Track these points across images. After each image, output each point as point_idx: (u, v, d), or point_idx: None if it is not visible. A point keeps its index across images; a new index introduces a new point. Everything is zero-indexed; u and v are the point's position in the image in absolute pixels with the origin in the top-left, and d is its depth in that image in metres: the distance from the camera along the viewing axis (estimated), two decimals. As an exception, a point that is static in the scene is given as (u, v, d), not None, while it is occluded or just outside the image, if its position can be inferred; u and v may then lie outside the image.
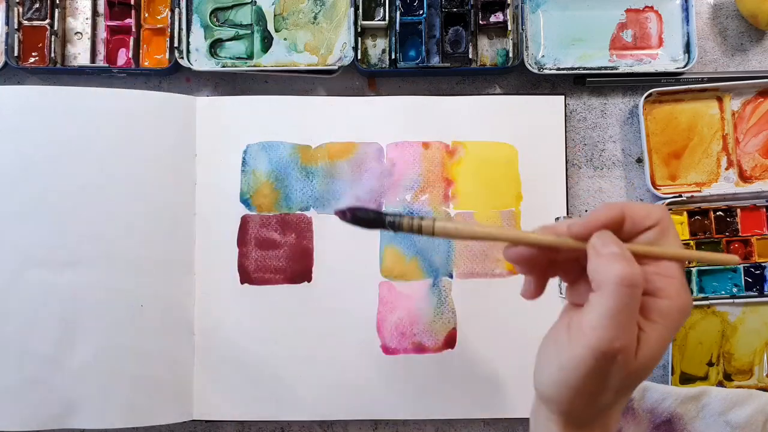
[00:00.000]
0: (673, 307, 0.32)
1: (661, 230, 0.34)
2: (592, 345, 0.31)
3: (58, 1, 0.56)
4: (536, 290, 0.37)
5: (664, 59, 0.57)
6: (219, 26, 0.57)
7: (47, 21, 0.56)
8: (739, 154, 0.56)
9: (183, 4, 0.56)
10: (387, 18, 0.56)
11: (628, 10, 0.57)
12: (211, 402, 0.53)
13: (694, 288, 0.54)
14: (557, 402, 0.34)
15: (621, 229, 0.34)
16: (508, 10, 0.56)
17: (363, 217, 0.38)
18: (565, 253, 0.35)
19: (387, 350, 0.54)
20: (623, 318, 0.31)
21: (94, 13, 0.57)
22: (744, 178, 0.56)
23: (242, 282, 0.54)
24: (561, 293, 0.53)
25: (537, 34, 0.57)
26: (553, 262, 0.36)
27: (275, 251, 0.54)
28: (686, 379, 0.54)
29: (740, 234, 0.55)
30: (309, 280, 0.54)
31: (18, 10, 0.56)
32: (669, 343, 0.34)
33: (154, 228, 0.53)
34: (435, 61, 0.57)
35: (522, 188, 0.55)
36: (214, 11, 0.57)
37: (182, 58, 0.56)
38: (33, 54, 0.56)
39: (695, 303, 0.53)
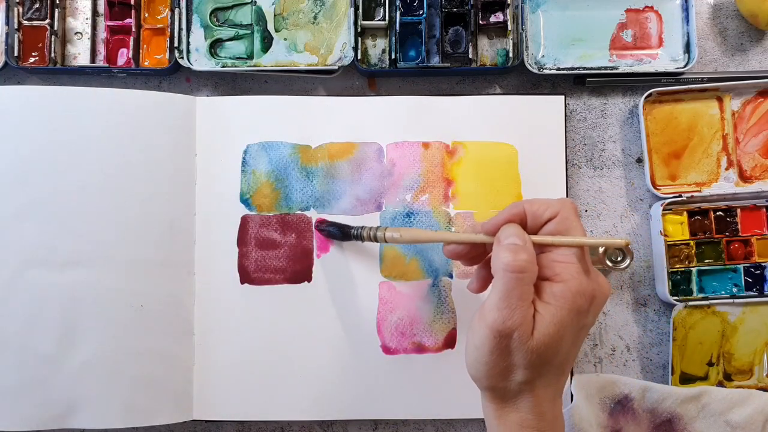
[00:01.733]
0: (566, 290, 0.36)
1: (561, 220, 0.38)
2: (489, 324, 0.36)
3: (58, 1, 0.56)
4: (479, 285, 0.44)
5: (664, 59, 0.57)
6: (219, 26, 0.57)
7: (47, 21, 0.56)
8: (739, 154, 0.56)
9: (183, 4, 0.56)
10: (387, 18, 0.56)
11: (628, 10, 0.57)
12: (211, 402, 0.53)
13: (694, 288, 0.54)
14: (479, 378, 0.38)
15: (526, 224, 0.39)
16: (508, 10, 0.56)
17: (329, 231, 0.52)
18: (489, 247, 0.40)
19: (387, 350, 0.54)
20: (513, 300, 0.36)
21: (94, 13, 0.57)
22: (744, 178, 0.56)
23: (242, 282, 0.54)
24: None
25: (537, 34, 0.57)
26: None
27: (275, 251, 0.54)
28: (686, 379, 0.54)
29: (740, 234, 0.55)
30: (309, 280, 0.54)
31: (18, 10, 0.56)
32: (569, 325, 0.36)
33: (154, 228, 0.53)
34: (435, 61, 0.57)
35: (522, 188, 0.55)
36: (214, 11, 0.57)
37: (182, 58, 0.56)
38: (33, 54, 0.56)
39: (695, 303, 0.53)
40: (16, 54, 0.56)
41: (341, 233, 0.52)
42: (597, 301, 0.37)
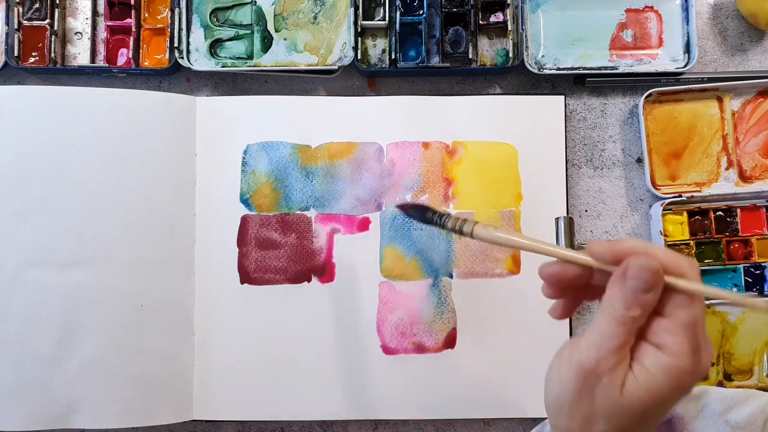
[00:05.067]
0: (673, 365, 0.33)
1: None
2: (582, 362, 0.33)
3: (58, 1, 0.56)
4: (564, 312, 0.38)
5: (664, 59, 0.57)
6: (219, 26, 0.57)
7: (47, 21, 0.56)
8: (739, 154, 0.56)
9: (183, 4, 0.56)
10: (387, 18, 0.56)
11: (628, 10, 0.57)
12: (211, 402, 0.53)
13: (694, 288, 0.54)
14: (559, 417, 0.35)
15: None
16: (508, 10, 0.56)
17: (409, 213, 0.44)
18: (595, 275, 0.35)
19: (387, 350, 0.54)
20: (614, 344, 0.32)
21: (94, 13, 0.57)
22: (744, 178, 0.56)
23: (242, 282, 0.54)
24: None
25: (537, 34, 0.57)
26: (586, 286, 0.36)
27: (275, 251, 0.54)
28: (686, 379, 0.54)
29: (740, 234, 0.55)
30: (309, 280, 0.54)
31: (18, 10, 0.56)
32: (664, 400, 0.33)
33: (154, 228, 0.53)
34: (435, 61, 0.57)
35: (522, 188, 0.55)
36: (214, 11, 0.57)
37: (182, 58, 0.56)
38: (33, 54, 0.56)
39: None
40: (16, 54, 0.56)
41: (421, 216, 0.44)
42: (700, 378, 0.34)
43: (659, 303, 0.33)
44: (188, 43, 0.56)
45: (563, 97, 0.55)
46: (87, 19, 0.57)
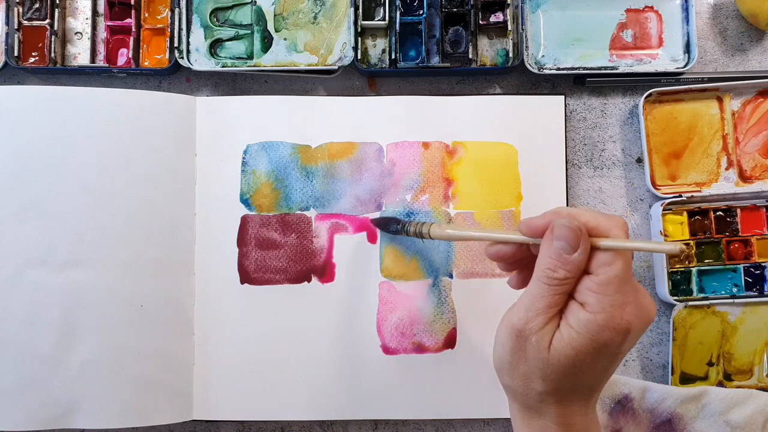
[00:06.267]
0: (592, 322, 0.34)
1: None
2: (513, 323, 0.36)
3: (58, 1, 0.56)
4: (519, 282, 0.41)
5: (664, 59, 0.57)
6: (219, 26, 0.57)
7: (47, 21, 0.56)
8: (739, 154, 0.56)
9: (183, 4, 0.56)
10: (387, 18, 0.56)
11: (628, 10, 0.57)
12: (211, 402, 0.53)
13: (694, 288, 0.54)
14: (501, 376, 0.38)
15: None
16: (508, 10, 0.56)
17: (377, 226, 0.51)
18: (534, 249, 0.38)
19: (387, 350, 0.54)
20: (540, 305, 0.35)
21: (94, 13, 0.57)
22: (744, 178, 0.56)
23: (242, 282, 0.54)
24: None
25: (537, 34, 0.57)
26: (533, 257, 0.38)
27: (275, 251, 0.54)
28: (686, 379, 0.54)
29: (740, 234, 0.55)
30: (309, 280, 0.54)
31: (18, 10, 0.56)
32: (592, 354, 0.35)
33: (154, 228, 0.53)
34: (435, 61, 0.57)
35: (522, 188, 0.55)
36: (214, 11, 0.57)
37: (182, 58, 0.56)
38: (33, 54, 0.56)
39: (695, 303, 0.53)
40: (16, 54, 0.56)
41: (385, 227, 0.51)
42: (634, 331, 0.35)
43: (588, 263, 0.35)
44: (188, 43, 0.56)
45: (563, 97, 0.55)
46: (87, 19, 0.57)
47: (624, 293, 0.34)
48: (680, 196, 0.54)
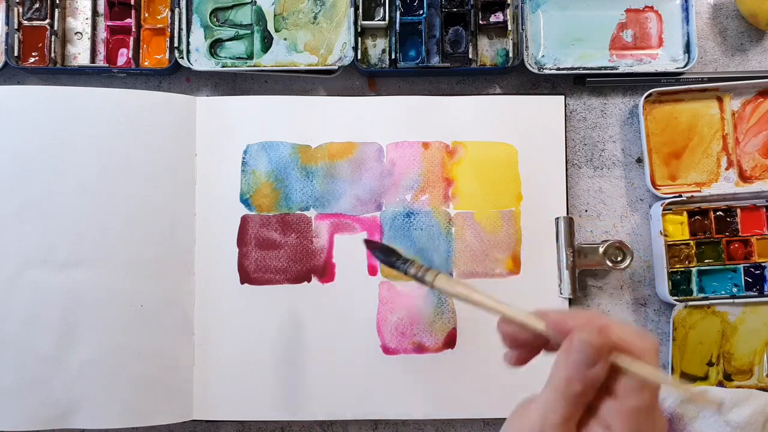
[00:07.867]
0: None
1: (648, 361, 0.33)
2: (525, 428, 0.32)
3: (58, 1, 0.56)
4: (520, 361, 0.37)
5: (664, 59, 0.57)
6: (219, 26, 0.57)
7: (47, 21, 0.56)
8: (739, 154, 0.56)
9: (183, 4, 0.56)
10: (387, 18, 0.56)
11: (628, 10, 0.57)
12: (211, 402, 0.53)
13: (694, 288, 0.54)
14: None
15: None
16: (508, 10, 0.56)
17: (374, 254, 0.46)
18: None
19: (387, 350, 0.54)
20: (553, 419, 0.32)
21: (94, 13, 0.57)
22: (744, 178, 0.55)
23: (242, 282, 0.54)
24: (561, 293, 0.53)
25: (537, 34, 0.57)
26: (545, 343, 0.35)
27: (275, 251, 0.54)
28: (686, 379, 0.54)
29: (740, 234, 0.55)
30: (309, 280, 0.54)
31: (18, 10, 0.56)
32: None
33: (154, 228, 0.53)
34: (435, 61, 0.57)
35: (522, 188, 0.55)
36: (214, 11, 0.57)
37: (182, 58, 0.56)
38: (33, 54, 0.56)
39: (695, 303, 0.53)
40: (16, 54, 0.55)
41: (385, 259, 0.46)
42: None
43: (613, 381, 0.32)
44: (188, 43, 0.56)
45: (563, 97, 0.55)
46: (87, 19, 0.57)
47: (653, 420, 0.32)
48: (680, 196, 0.54)
